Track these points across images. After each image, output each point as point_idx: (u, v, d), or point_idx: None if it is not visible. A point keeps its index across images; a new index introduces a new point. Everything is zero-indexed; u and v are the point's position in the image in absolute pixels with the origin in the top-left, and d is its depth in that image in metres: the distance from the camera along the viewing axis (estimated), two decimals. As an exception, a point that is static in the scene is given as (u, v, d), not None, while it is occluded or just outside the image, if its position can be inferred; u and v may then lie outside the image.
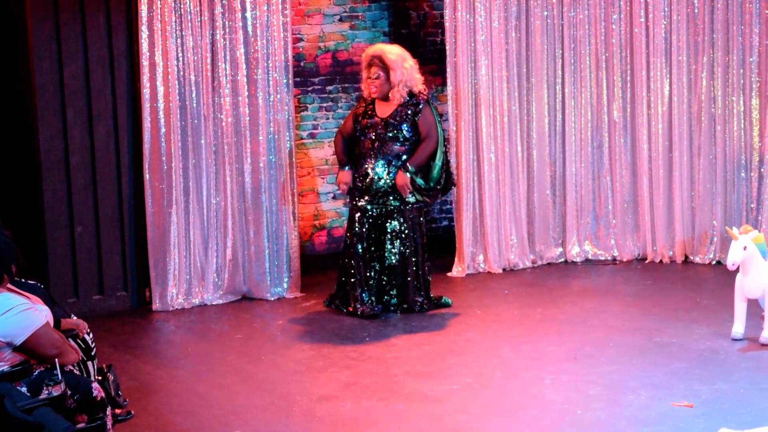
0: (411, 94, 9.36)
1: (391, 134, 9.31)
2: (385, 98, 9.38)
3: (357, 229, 9.40)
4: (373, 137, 9.33)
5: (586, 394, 7.20)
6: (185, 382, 7.83)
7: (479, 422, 6.80)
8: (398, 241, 9.36)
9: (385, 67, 9.32)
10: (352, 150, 9.54)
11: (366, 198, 9.37)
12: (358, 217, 9.41)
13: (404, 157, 9.31)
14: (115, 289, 9.70)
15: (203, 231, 9.83)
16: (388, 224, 9.36)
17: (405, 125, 9.29)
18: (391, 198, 9.35)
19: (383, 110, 9.38)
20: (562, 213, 11.04)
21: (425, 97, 9.40)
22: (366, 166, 9.36)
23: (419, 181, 9.31)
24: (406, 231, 9.36)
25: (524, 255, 10.87)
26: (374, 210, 9.38)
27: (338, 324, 9.14)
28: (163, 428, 6.89)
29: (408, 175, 9.25)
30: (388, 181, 9.31)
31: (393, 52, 9.42)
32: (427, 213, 9.47)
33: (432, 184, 9.39)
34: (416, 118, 9.29)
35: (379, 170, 9.31)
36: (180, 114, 9.64)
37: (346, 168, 9.49)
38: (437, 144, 9.32)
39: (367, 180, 9.34)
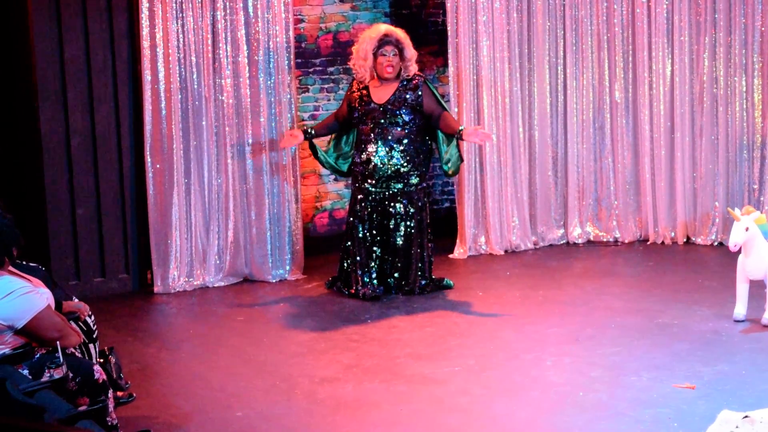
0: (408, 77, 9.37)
1: (390, 120, 9.28)
2: (386, 80, 9.33)
3: (359, 211, 9.39)
4: (372, 124, 9.31)
5: (588, 376, 7.20)
6: (187, 364, 7.83)
7: (481, 404, 6.80)
8: (403, 223, 9.35)
9: (399, 45, 9.30)
10: (332, 132, 9.58)
11: (369, 181, 9.35)
12: (361, 199, 9.40)
13: (405, 141, 9.28)
14: (116, 272, 9.70)
15: (205, 213, 9.82)
16: (392, 207, 9.35)
17: (403, 109, 9.27)
18: (394, 181, 9.33)
19: (379, 96, 9.33)
20: (563, 194, 11.03)
21: (422, 77, 9.38)
22: (368, 151, 9.32)
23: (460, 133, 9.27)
24: (411, 212, 9.36)
25: (526, 236, 10.86)
26: (378, 193, 9.36)
27: (340, 306, 9.14)
28: (165, 410, 6.89)
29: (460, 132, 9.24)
30: (391, 165, 9.28)
31: (399, 30, 9.42)
32: (430, 194, 9.48)
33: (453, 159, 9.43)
34: (419, 101, 9.27)
35: (381, 155, 9.28)
36: (181, 95, 9.62)
37: (306, 134, 9.50)
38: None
39: (370, 166, 9.31)
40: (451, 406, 6.79)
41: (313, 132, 9.57)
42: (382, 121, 9.27)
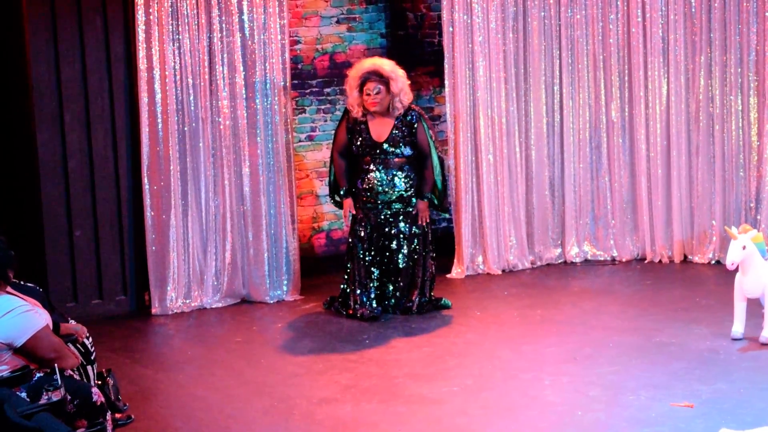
0: (406, 109, 9.31)
1: (390, 156, 9.28)
2: (382, 113, 9.30)
3: (360, 232, 9.39)
4: (372, 156, 9.29)
5: (586, 395, 7.19)
6: (185, 385, 7.83)
7: (479, 424, 6.80)
8: (406, 242, 9.36)
9: (384, 79, 9.23)
10: (350, 167, 9.50)
11: (370, 203, 9.34)
12: (361, 219, 9.39)
13: (406, 167, 9.28)
14: (114, 293, 9.69)
15: (202, 234, 9.82)
16: (394, 228, 9.35)
17: (402, 147, 9.25)
18: (396, 203, 9.33)
19: (378, 132, 9.29)
20: (561, 213, 11.03)
21: (417, 112, 9.35)
22: (370, 180, 9.30)
23: (435, 201, 9.37)
24: (414, 230, 9.37)
25: (523, 256, 10.86)
26: (379, 214, 9.36)
27: (338, 326, 9.13)
28: (163, 432, 6.89)
29: (426, 200, 9.36)
30: (394, 192, 9.28)
31: (385, 63, 9.37)
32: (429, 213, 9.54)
33: (441, 197, 9.43)
34: (414, 138, 9.26)
35: (384, 183, 9.28)
36: (178, 117, 9.63)
37: (349, 194, 9.47)
38: (435, 160, 9.32)
39: (372, 193, 9.30)
40: (449, 426, 6.79)
41: (346, 188, 9.49)
42: (383, 156, 9.27)
